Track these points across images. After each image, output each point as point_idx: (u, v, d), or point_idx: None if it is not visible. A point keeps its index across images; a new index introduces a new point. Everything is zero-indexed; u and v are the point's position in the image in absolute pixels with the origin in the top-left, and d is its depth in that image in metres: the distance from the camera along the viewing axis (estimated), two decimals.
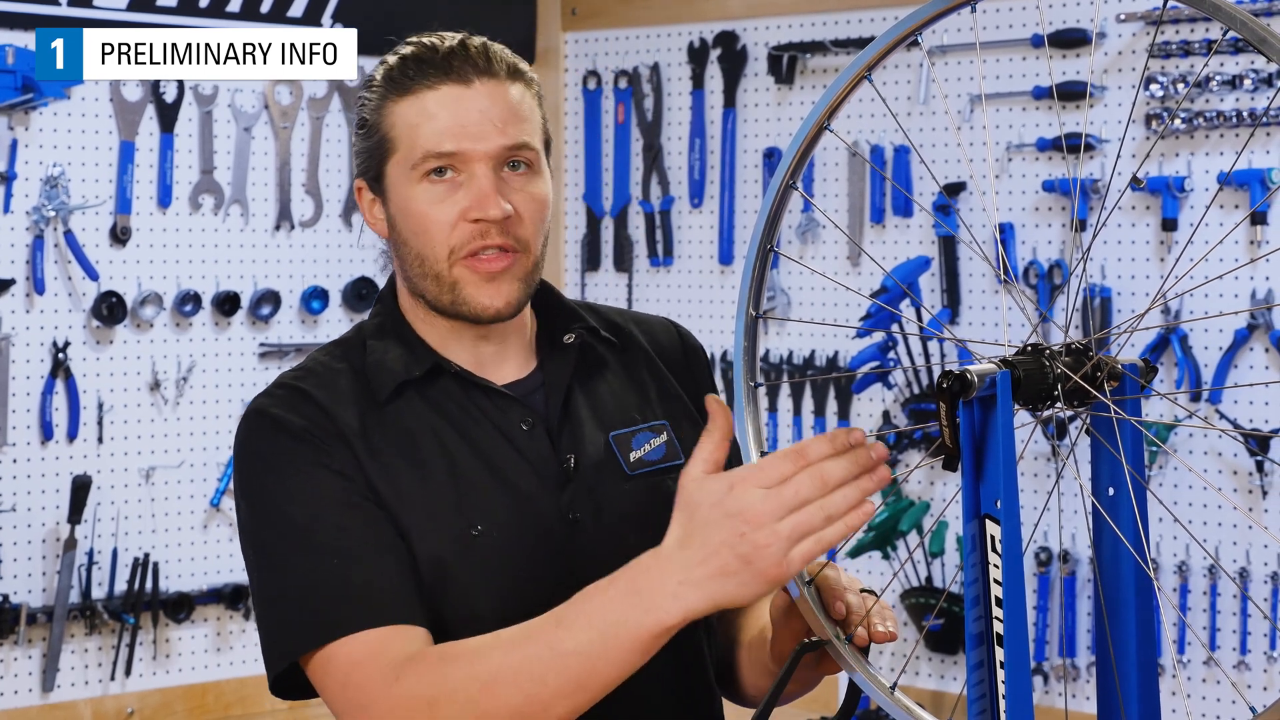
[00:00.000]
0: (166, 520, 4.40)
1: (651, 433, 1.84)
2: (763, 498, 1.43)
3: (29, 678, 4.22)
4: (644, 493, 1.80)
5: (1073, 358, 1.50)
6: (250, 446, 1.75)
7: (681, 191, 4.84)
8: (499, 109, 1.76)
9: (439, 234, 1.75)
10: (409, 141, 1.76)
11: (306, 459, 1.71)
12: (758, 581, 1.44)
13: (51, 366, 4.22)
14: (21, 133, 4.17)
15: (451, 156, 1.74)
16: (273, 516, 1.71)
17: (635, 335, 1.91)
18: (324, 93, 4.64)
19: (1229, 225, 3.85)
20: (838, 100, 1.59)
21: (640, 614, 1.48)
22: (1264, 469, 3.83)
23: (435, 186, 1.75)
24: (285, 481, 1.72)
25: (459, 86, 1.76)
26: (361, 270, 4.70)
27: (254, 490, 1.74)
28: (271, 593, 1.70)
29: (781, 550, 1.43)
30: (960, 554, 4.14)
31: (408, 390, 1.78)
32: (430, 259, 1.76)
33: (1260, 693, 3.84)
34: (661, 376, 1.90)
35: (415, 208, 1.76)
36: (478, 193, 1.74)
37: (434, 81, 1.76)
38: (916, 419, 4.26)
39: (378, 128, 1.78)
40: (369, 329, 1.84)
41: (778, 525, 1.42)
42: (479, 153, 1.74)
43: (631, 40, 4.91)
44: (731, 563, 1.44)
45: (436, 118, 1.75)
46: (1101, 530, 1.54)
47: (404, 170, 1.77)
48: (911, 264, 4.28)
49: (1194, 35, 3.90)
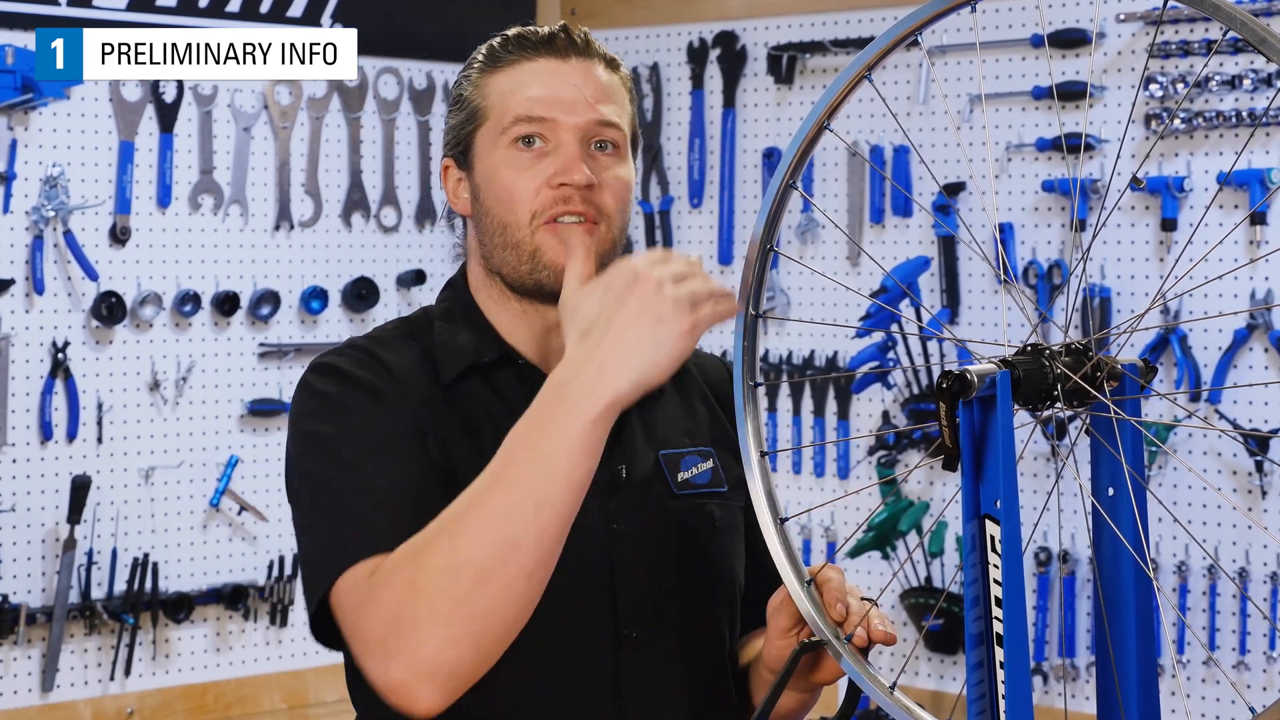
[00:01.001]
0: (166, 520, 4.40)
1: (699, 457, 1.86)
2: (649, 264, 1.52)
3: (28, 678, 4.22)
4: (688, 513, 1.82)
5: (1072, 358, 1.50)
6: (308, 390, 1.75)
7: (681, 191, 4.84)
8: (592, 86, 1.79)
9: (523, 199, 1.77)
10: (501, 108, 1.79)
11: (362, 404, 1.72)
12: (673, 338, 1.50)
13: (51, 366, 4.22)
14: (21, 133, 4.17)
15: (541, 123, 1.77)
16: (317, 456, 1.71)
17: (689, 365, 1.93)
18: (324, 93, 4.64)
19: (1229, 225, 3.85)
20: (838, 100, 1.59)
21: (572, 414, 1.51)
22: (1263, 469, 3.83)
23: (522, 154, 1.78)
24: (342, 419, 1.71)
25: (556, 60, 1.79)
26: (361, 270, 4.70)
27: (303, 433, 1.73)
28: (308, 531, 1.70)
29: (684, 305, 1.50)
30: (960, 554, 4.14)
31: (474, 375, 1.79)
32: (513, 225, 1.78)
33: (1260, 693, 3.84)
34: (711, 406, 1.92)
35: (502, 174, 1.78)
36: (565, 158, 1.76)
37: (532, 55, 1.80)
38: (916, 419, 4.26)
39: (470, 100, 1.81)
40: (437, 312, 1.86)
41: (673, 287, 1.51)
42: (569, 123, 1.77)
43: (631, 40, 4.91)
44: (642, 327, 1.50)
45: (530, 86, 1.78)
46: (1101, 530, 1.54)
47: (493, 137, 1.79)
48: (911, 264, 4.28)
49: (1194, 35, 3.90)
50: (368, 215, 4.71)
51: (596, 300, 1.53)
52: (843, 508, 4.49)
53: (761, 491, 1.72)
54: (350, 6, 4.63)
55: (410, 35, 4.79)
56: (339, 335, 4.59)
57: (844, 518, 4.50)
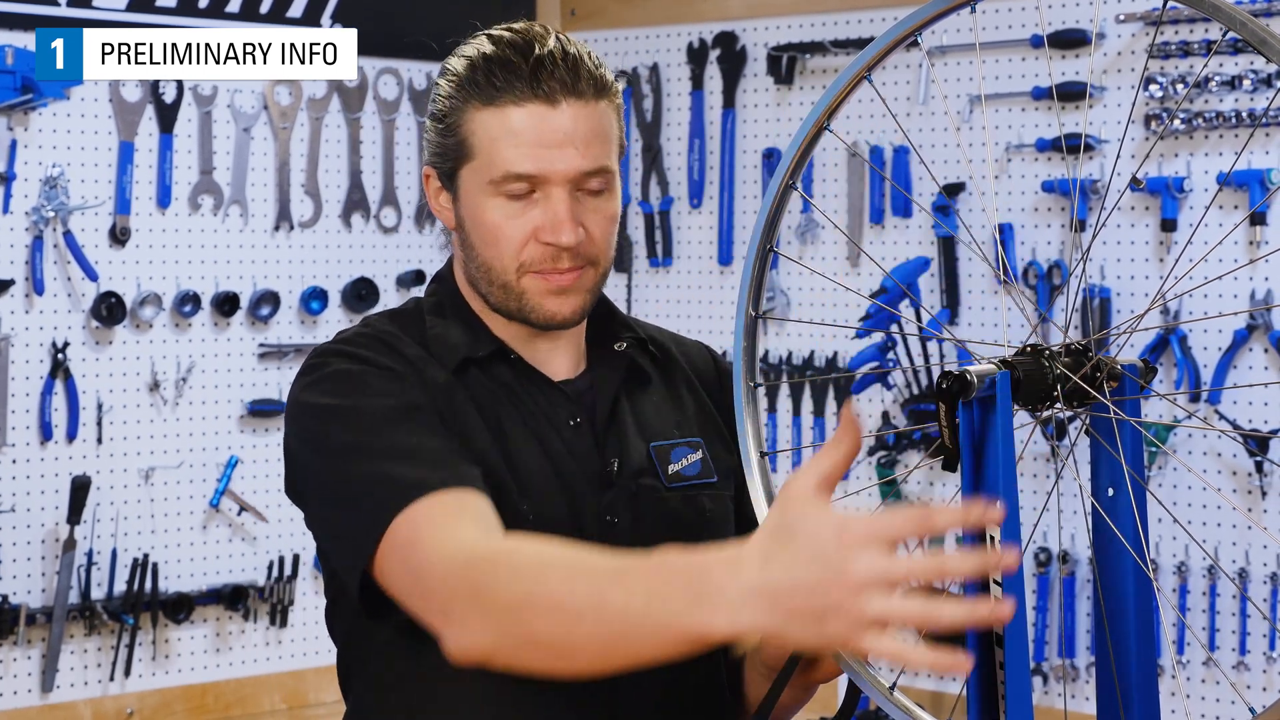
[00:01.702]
0: (166, 521, 4.40)
1: (689, 448, 1.86)
2: (869, 563, 1.26)
3: (28, 678, 4.21)
4: (680, 504, 1.82)
5: (1072, 358, 1.50)
6: (317, 370, 1.74)
7: (681, 192, 4.84)
8: (583, 131, 1.74)
9: (509, 249, 1.76)
10: (489, 154, 1.75)
11: (378, 381, 1.71)
12: (817, 640, 1.30)
13: (51, 367, 4.22)
14: (21, 133, 4.17)
15: (531, 178, 1.74)
16: (338, 426, 1.70)
17: (675, 354, 1.94)
18: (324, 93, 4.64)
19: (1228, 226, 3.85)
20: (837, 100, 1.59)
21: (692, 609, 1.34)
22: (1263, 469, 3.83)
23: (511, 203, 1.75)
24: (361, 389, 1.70)
25: (545, 106, 1.73)
26: (361, 270, 4.70)
27: (322, 407, 1.72)
28: (338, 503, 1.69)
29: (857, 628, 1.27)
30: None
31: (470, 367, 1.79)
32: (499, 270, 1.77)
33: (1259, 693, 3.84)
34: (698, 395, 1.92)
35: (489, 219, 1.76)
36: (553, 218, 1.74)
37: (520, 97, 1.73)
38: (916, 419, 4.26)
39: (457, 129, 1.77)
40: (427, 305, 1.85)
41: (869, 601, 1.26)
42: (558, 174, 1.74)
43: (631, 40, 4.91)
44: (804, 612, 1.28)
45: (519, 135, 1.73)
46: (1101, 530, 1.54)
47: (480, 180, 1.76)
48: (911, 264, 4.28)
49: (1193, 36, 3.90)
50: (367, 215, 4.71)
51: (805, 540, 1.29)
52: (842, 508, 4.48)
53: (761, 492, 1.72)
54: (350, 6, 4.63)
55: (410, 35, 4.79)
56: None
57: None
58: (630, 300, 4.89)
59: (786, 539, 1.30)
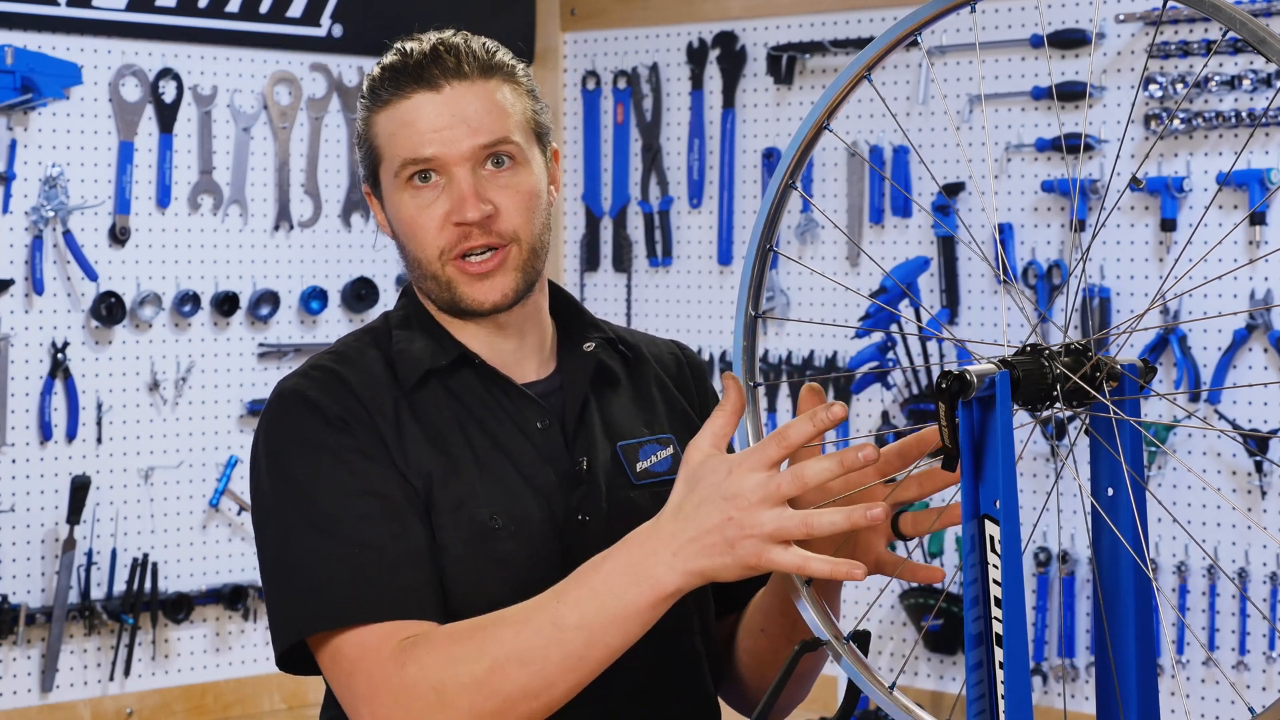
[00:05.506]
0: (165, 521, 4.40)
1: (659, 445, 1.90)
2: (754, 486, 1.49)
3: (28, 678, 4.22)
4: (650, 500, 1.84)
5: (1072, 358, 1.50)
6: (281, 424, 1.78)
7: (680, 192, 4.84)
8: (471, 109, 1.80)
9: (427, 237, 1.81)
10: (390, 150, 1.82)
11: (337, 442, 1.75)
12: (738, 565, 1.51)
13: (50, 367, 4.22)
14: (20, 133, 4.17)
15: (429, 161, 1.80)
16: (297, 495, 1.73)
17: (645, 354, 1.97)
18: (323, 93, 4.64)
19: (1228, 226, 3.85)
20: (837, 100, 1.59)
21: (637, 585, 1.54)
22: (1263, 469, 3.83)
23: (421, 192, 1.81)
24: (314, 462, 1.74)
25: (429, 93, 1.80)
26: (361, 270, 4.70)
27: (280, 467, 1.76)
28: (287, 570, 1.72)
29: (761, 544, 1.49)
30: (960, 554, 4.14)
31: (432, 380, 1.82)
32: (424, 260, 1.83)
33: (1259, 693, 3.84)
34: (669, 393, 1.95)
35: (404, 213, 1.83)
36: (455, 196, 1.79)
37: (407, 90, 1.81)
38: (915, 419, 4.26)
39: (366, 138, 1.85)
40: (395, 319, 1.90)
41: (762, 517, 1.48)
42: (453, 155, 1.79)
43: (630, 40, 4.91)
44: (718, 543, 1.51)
45: (410, 125, 1.80)
46: (1100, 530, 1.54)
47: (390, 178, 1.83)
48: (910, 264, 4.28)
49: (1193, 36, 3.90)
50: (367, 215, 4.71)
51: (705, 487, 1.52)
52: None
53: None
54: (350, 6, 4.63)
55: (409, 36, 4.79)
56: (338, 335, 4.58)
57: None
58: (630, 300, 4.89)
59: (691, 489, 1.53)
